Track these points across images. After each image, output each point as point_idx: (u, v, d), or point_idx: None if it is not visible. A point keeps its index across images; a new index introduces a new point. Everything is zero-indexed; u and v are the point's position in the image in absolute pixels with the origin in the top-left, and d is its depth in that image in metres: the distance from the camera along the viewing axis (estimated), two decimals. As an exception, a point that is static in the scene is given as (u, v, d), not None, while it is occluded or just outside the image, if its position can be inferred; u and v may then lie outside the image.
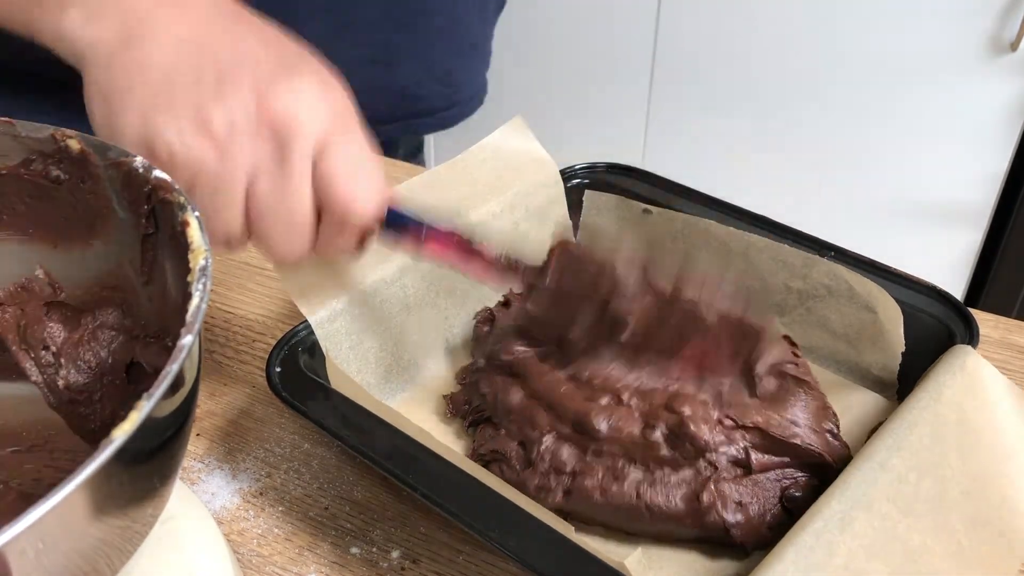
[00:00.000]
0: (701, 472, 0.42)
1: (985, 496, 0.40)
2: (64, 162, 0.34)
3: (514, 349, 0.47)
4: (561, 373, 0.46)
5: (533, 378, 0.46)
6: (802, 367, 0.46)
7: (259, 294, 0.60)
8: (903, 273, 0.51)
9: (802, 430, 0.43)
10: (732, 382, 0.44)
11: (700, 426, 0.42)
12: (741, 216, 0.56)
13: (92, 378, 0.36)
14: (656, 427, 0.42)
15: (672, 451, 0.42)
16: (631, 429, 0.42)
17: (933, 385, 0.43)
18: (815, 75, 1.37)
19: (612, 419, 0.43)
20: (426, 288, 0.51)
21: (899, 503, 0.38)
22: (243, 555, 0.43)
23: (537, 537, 0.36)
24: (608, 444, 0.43)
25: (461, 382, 0.51)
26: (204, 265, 0.28)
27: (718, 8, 1.37)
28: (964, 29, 1.25)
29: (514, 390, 0.46)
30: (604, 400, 0.44)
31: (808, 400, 0.44)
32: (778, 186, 1.48)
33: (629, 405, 0.44)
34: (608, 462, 0.43)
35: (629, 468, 0.42)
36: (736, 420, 0.43)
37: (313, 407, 0.43)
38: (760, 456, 0.42)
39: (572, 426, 0.43)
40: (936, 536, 0.38)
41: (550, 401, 0.44)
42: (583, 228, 0.61)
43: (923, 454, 0.40)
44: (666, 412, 0.43)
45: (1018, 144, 1.32)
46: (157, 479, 0.27)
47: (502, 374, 0.47)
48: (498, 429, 0.46)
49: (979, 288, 1.47)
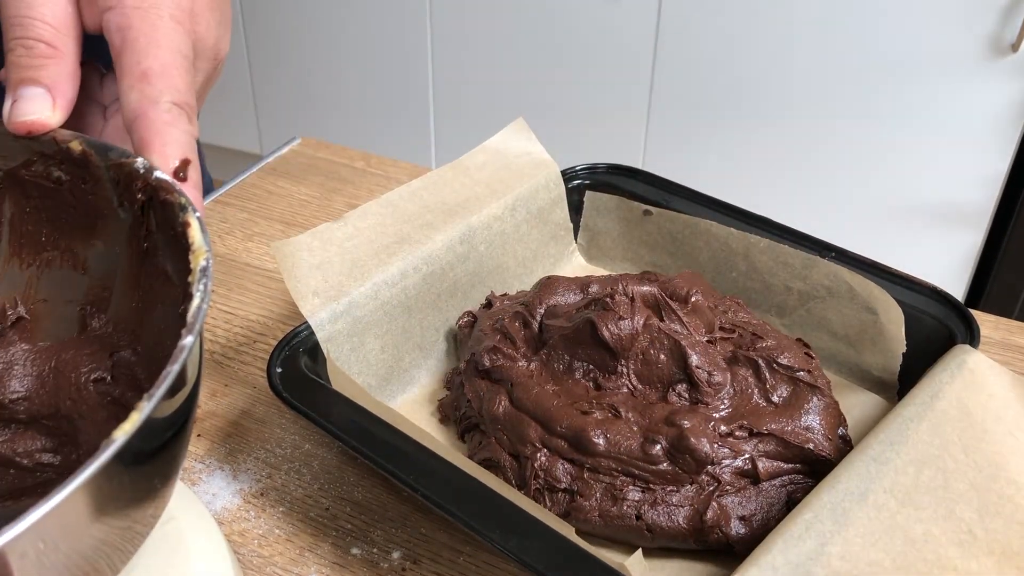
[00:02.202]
0: (704, 487, 0.41)
1: (995, 487, 0.39)
2: (65, 163, 0.34)
3: (493, 353, 0.47)
4: (549, 387, 0.45)
5: (519, 388, 0.45)
6: (815, 372, 0.46)
7: (260, 295, 0.60)
8: (904, 274, 0.51)
9: (816, 436, 0.43)
10: (746, 389, 0.44)
11: (700, 439, 0.41)
12: (741, 216, 0.56)
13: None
14: (656, 441, 0.42)
15: (673, 465, 0.41)
16: (629, 444, 0.42)
17: (931, 383, 0.43)
18: (816, 77, 1.37)
19: (610, 434, 0.42)
20: (427, 289, 0.51)
21: (897, 494, 0.38)
22: (244, 556, 0.43)
23: (537, 537, 0.36)
24: (605, 460, 0.42)
25: (447, 387, 0.51)
26: (205, 266, 0.28)
27: (718, 8, 1.37)
28: (965, 30, 1.25)
29: (498, 398, 0.45)
30: (599, 414, 0.43)
31: (822, 406, 0.44)
32: (778, 187, 1.48)
33: (627, 419, 0.43)
34: (606, 479, 0.42)
35: (628, 487, 0.41)
36: (751, 428, 0.42)
37: (314, 408, 0.43)
38: (769, 463, 0.42)
39: (567, 441, 0.43)
40: (941, 525, 0.37)
41: (540, 415, 0.44)
42: (584, 229, 0.61)
43: (921, 447, 0.39)
44: (666, 426, 0.42)
45: (1019, 145, 1.32)
46: (158, 480, 0.27)
47: (483, 379, 0.47)
48: (488, 436, 0.45)
49: (980, 289, 1.47)
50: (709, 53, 1.42)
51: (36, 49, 0.34)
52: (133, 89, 0.33)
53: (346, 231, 0.50)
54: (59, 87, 0.34)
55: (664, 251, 0.57)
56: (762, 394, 0.44)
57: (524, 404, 0.44)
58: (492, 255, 0.55)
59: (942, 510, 0.38)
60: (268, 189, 0.72)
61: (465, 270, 0.53)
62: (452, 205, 0.54)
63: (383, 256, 0.50)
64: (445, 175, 0.55)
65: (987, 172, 1.35)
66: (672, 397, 0.44)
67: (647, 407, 0.43)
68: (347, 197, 0.71)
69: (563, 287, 0.51)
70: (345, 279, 0.48)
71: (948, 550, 0.36)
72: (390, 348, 0.50)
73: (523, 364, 0.47)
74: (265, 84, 1.87)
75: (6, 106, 0.34)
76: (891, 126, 1.36)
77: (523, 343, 0.48)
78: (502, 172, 0.57)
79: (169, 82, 0.34)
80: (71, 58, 0.35)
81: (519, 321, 0.49)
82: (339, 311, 0.47)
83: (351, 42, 1.71)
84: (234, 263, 0.63)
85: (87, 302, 0.36)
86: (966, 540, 0.37)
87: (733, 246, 0.54)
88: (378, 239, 0.50)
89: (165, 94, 0.33)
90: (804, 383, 0.45)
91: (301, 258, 0.47)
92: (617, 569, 0.35)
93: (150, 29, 0.34)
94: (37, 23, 0.34)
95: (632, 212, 0.58)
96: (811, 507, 0.37)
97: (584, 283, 0.51)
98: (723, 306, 0.49)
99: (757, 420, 0.43)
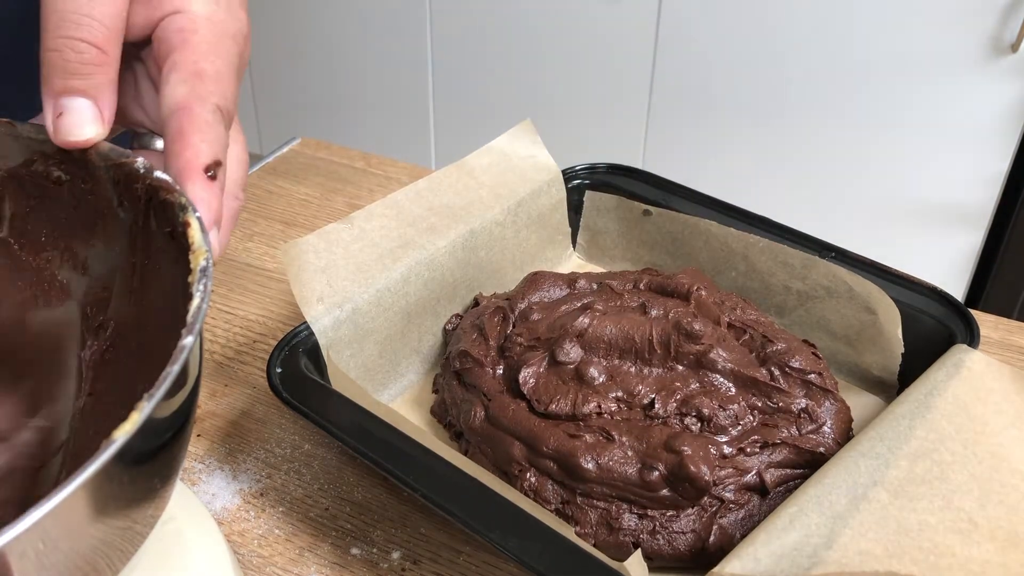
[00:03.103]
0: (706, 508, 0.40)
1: (997, 477, 0.38)
2: (65, 163, 0.34)
3: (463, 357, 0.47)
4: (525, 403, 0.43)
5: (495, 404, 0.44)
6: (825, 374, 0.45)
7: (260, 295, 0.60)
8: (903, 274, 0.51)
9: (827, 440, 0.42)
10: (758, 397, 0.43)
11: (700, 467, 0.39)
12: (741, 216, 0.56)
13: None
14: (654, 468, 0.40)
15: (673, 492, 0.40)
16: (625, 470, 0.40)
17: (926, 382, 0.43)
18: (815, 76, 1.37)
19: (602, 459, 0.41)
20: (427, 295, 0.51)
21: (888, 486, 0.37)
22: (244, 556, 0.43)
23: (537, 537, 0.36)
24: (598, 486, 0.40)
25: (434, 389, 0.51)
26: (205, 266, 0.28)
27: (718, 8, 1.37)
28: (965, 30, 1.25)
29: (474, 410, 0.45)
30: (590, 437, 0.41)
31: (833, 410, 0.44)
32: (778, 186, 1.48)
33: (621, 443, 0.41)
34: (601, 505, 0.40)
35: (624, 513, 0.40)
36: (764, 440, 0.41)
37: (314, 408, 0.43)
38: (777, 472, 0.41)
39: (555, 463, 0.41)
40: (938, 515, 0.36)
41: (523, 435, 0.42)
42: (583, 228, 0.61)
43: (915, 442, 0.39)
44: (665, 452, 0.40)
45: (1018, 145, 1.32)
46: (158, 480, 0.27)
47: (459, 383, 0.47)
48: (472, 446, 0.45)
49: (980, 289, 1.47)
50: (709, 53, 1.42)
51: (86, 54, 0.31)
52: (184, 83, 0.32)
53: (352, 233, 0.50)
54: (105, 99, 0.32)
55: (664, 251, 0.57)
56: (776, 402, 0.43)
57: (501, 422, 0.43)
58: (491, 260, 0.55)
59: (939, 500, 0.37)
60: (268, 189, 0.72)
61: (465, 275, 0.53)
62: (456, 208, 0.54)
63: (387, 261, 0.49)
64: (450, 176, 0.55)
65: (987, 172, 1.35)
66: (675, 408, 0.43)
67: (644, 430, 0.42)
68: (347, 197, 0.71)
69: (549, 282, 0.51)
70: (350, 284, 0.48)
71: (946, 538, 0.36)
72: (388, 353, 0.50)
73: (490, 371, 0.46)
74: (265, 84, 1.87)
75: (49, 117, 0.32)
76: (891, 126, 1.36)
77: (496, 341, 0.47)
78: (507, 175, 0.57)
79: (220, 86, 0.33)
80: (117, 64, 0.33)
81: (499, 316, 0.49)
82: (342, 318, 0.47)
83: (351, 42, 1.71)
84: (234, 263, 0.63)
85: (87, 302, 0.36)
86: (965, 528, 0.36)
87: (732, 246, 0.54)
88: (383, 242, 0.50)
89: (214, 95, 0.32)
90: (816, 386, 0.44)
91: (307, 261, 0.47)
92: (617, 569, 0.35)
93: (214, 39, 0.34)
94: (94, 23, 0.31)
95: (632, 212, 0.58)
96: (795, 501, 0.36)
97: (571, 279, 0.51)
98: (730, 303, 0.49)
99: (769, 432, 0.42)
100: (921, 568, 0.34)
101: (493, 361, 0.47)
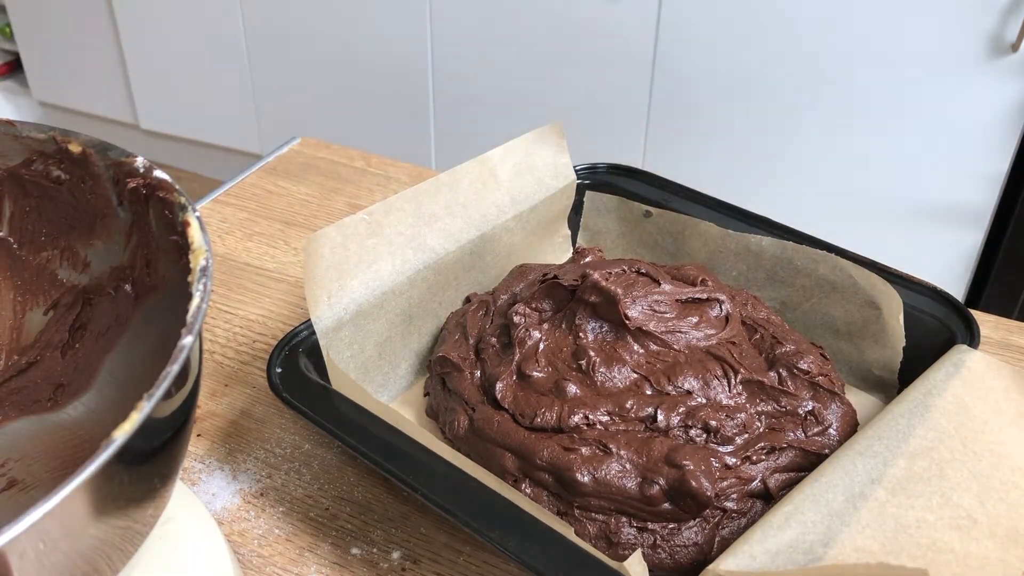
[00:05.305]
0: (708, 520, 0.39)
1: (997, 475, 0.38)
2: (65, 163, 0.34)
3: (442, 363, 0.47)
4: (508, 415, 0.43)
5: (479, 416, 0.43)
6: (832, 375, 0.45)
7: (259, 295, 0.60)
8: (903, 274, 0.51)
9: (832, 442, 0.42)
10: (766, 402, 0.43)
11: (702, 482, 0.39)
12: (741, 216, 0.56)
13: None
14: (655, 483, 0.39)
15: (674, 506, 0.39)
16: (624, 484, 0.39)
17: (925, 382, 0.43)
18: (815, 76, 1.37)
19: (599, 472, 0.40)
20: (430, 298, 0.51)
21: (886, 484, 0.37)
22: (244, 556, 0.43)
23: (537, 537, 0.36)
24: (596, 500, 0.40)
25: (426, 391, 0.51)
26: (205, 265, 0.28)
27: (718, 8, 1.37)
28: (965, 30, 1.25)
29: (458, 419, 0.44)
30: (586, 450, 0.40)
31: (840, 413, 0.43)
32: (778, 186, 1.48)
33: (619, 455, 0.40)
34: (599, 518, 0.40)
35: (624, 527, 0.39)
36: (771, 446, 0.41)
37: (314, 408, 0.43)
38: (782, 476, 0.41)
39: (551, 475, 0.41)
40: (937, 512, 0.36)
41: (514, 447, 0.42)
42: (584, 229, 0.61)
43: (913, 441, 0.39)
44: (666, 466, 0.39)
45: (1018, 145, 1.32)
46: (158, 479, 0.27)
47: (442, 387, 0.47)
48: (464, 453, 0.45)
49: (980, 289, 1.47)
50: (709, 53, 1.42)
51: None
52: None
53: (369, 226, 0.49)
54: None
55: (664, 251, 0.57)
56: (783, 405, 0.43)
57: (487, 434, 0.43)
58: (496, 264, 0.55)
59: (937, 498, 0.37)
60: (268, 189, 0.72)
61: (468, 280, 0.53)
62: (471, 210, 0.53)
63: (397, 262, 0.49)
64: (472, 171, 0.54)
65: (987, 172, 1.35)
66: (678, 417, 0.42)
67: (644, 443, 0.41)
68: (347, 197, 0.71)
69: (535, 274, 0.51)
70: (357, 284, 0.47)
71: (945, 534, 0.36)
72: (388, 354, 0.50)
73: (468, 376, 0.46)
74: (265, 84, 1.87)
75: None
76: (891, 126, 1.36)
77: (474, 340, 0.47)
78: (526, 177, 0.56)
79: None
80: None
81: (482, 311, 0.48)
82: (345, 319, 0.47)
83: (351, 42, 1.71)
84: (234, 263, 0.63)
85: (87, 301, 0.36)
86: (965, 525, 0.36)
87: (733, 246, 0.54)
88: (396, 239, 0.49)
89: None
90: (823, 388, 0.44)
91: (322, 256, 0.47)
92: (617, 569, 0.35)
93: None
94: None
95: (632, 212, 0.58)
96: (791, 500, 0.36)
97: (558, 270, 0.51)
98: (740, 298, 0.49)
99: (775, 437, 0.42)
100: (919, 564, 0.34)
101: (471, 364, 0.46)
